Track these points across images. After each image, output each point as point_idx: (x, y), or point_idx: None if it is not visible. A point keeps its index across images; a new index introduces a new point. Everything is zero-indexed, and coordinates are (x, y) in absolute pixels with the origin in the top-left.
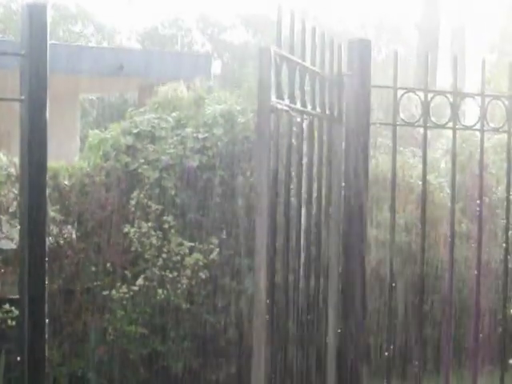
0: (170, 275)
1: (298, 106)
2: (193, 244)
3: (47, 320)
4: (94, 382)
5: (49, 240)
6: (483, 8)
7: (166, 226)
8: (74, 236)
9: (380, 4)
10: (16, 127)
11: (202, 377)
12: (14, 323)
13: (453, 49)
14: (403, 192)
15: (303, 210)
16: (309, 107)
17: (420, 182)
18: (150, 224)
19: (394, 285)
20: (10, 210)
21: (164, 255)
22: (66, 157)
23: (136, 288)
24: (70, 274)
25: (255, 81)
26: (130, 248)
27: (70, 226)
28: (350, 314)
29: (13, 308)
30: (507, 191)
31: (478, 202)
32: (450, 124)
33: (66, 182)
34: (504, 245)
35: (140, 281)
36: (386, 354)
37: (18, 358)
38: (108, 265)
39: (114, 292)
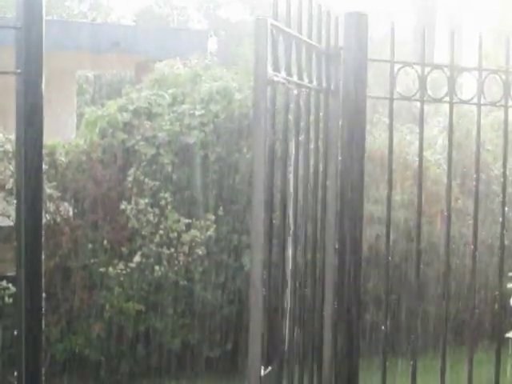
0: (167, 252)
1: (295, 78)
2: (190, 221)
3: (44, 296)
4: (91, 358)
5: (46, 217)
6: None
7: (163, 202)
8: (70, 213)
9: None
10: (12, 104)
11: (199, 353)
12: (11, 300)
13: (450, 27)
14: (400, 168)
15: (300, 184)
16: (305, 80)
17: (417, 159)
18: (146, 201)
19: (390, 259)
20: (7, 187)
21: (161, 232)
22: (63, 134)
23: (133, 265)
24: (67, 251)
25: (252, 58)
26: (126, 225)
27: (66, 203)
28: (346, 289)
29: (10, 285)
30: (503, 166)
31: (475, 176)
32: (447, 98)
33: (63, 159)
34: (500, 219)
35: (137, 258)
36: (383, 328)
37: (15, 332)
38: (105, 242)
39: (110, 269)
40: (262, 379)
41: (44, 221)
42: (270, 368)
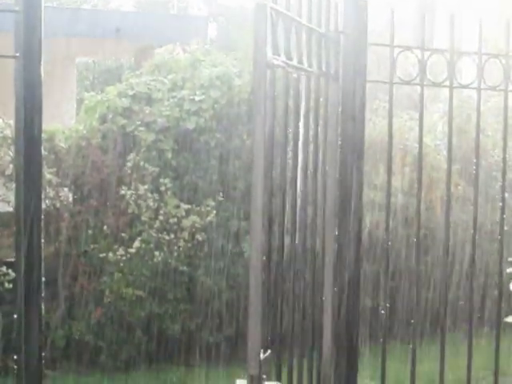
0: (167, 237)
1: (295, 62)
2: (189, 206)
3: (44, 282)
4: (91, 344)
5: (45, 203)
6: None
7: (163, 188)
8: (70, 199)
9: None
10: (12, 89)
11: (199, 339)
12: (10, 286)
13: (450, 12)
14: (400, 154)
15: (299, 169)
16: (305, 64)
17: (416, 145)
18: (146, 186)
19: (389, 243)
20: (7, 173)
21: (161, 217)
22: (63, 120)
23: (133, 250)
24: (67, 237)
25: (251, 44)
26: (126, 210)
27: (66, 189)
28: (346, 274)
29: (9, 271)
30: (503, 151)
31: (475, 162)
32: (447, 82)
33: (63, 145)
34: (500, 204)
35: (137, 243)
36: (383, 312)
37: (15, 316)
38: (105, 227)
39: (110, 254)
40: (262, 362)
41: (43, 206)
42: (269, 351)
